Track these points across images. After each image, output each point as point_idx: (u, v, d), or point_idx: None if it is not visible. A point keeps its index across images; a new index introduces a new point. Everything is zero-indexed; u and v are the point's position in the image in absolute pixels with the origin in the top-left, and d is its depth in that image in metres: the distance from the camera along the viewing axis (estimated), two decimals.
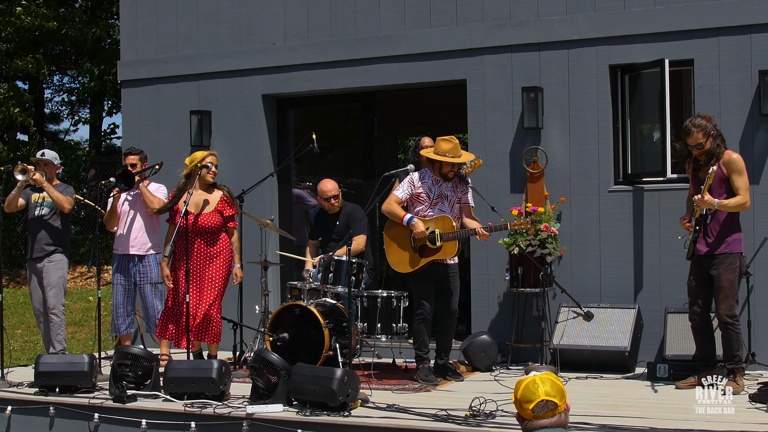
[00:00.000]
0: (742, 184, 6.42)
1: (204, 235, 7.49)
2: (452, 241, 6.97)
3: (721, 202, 6.38)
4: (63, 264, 8.01)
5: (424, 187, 7.09)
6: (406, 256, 7.10)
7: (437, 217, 7.03)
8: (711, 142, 6.42)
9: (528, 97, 8.13)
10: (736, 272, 6.46)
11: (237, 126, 9.49)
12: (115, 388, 6.55)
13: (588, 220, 8.05)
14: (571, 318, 7.73)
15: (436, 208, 7.07)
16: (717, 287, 6.44)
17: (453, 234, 6.94)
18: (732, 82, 7.61)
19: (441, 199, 7.09)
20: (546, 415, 3.66)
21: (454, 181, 7.13)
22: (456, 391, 6.72)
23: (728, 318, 6.40)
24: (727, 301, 6.39)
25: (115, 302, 8.10)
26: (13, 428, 6.80)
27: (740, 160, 6.45)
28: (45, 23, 18.06)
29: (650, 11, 7.88)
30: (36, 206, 8.00)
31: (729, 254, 6.43)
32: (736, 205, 6.42)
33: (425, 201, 7.08)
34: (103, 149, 22.30)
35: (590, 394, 6.56)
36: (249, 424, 5.97)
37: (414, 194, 7.11)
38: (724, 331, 6.44)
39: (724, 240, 6.43)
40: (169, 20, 9.84)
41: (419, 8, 8.73)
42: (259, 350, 6.56)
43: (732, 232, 6.46)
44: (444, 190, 7.10)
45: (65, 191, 7.98)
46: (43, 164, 8.00)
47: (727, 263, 6.42)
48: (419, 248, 7.04)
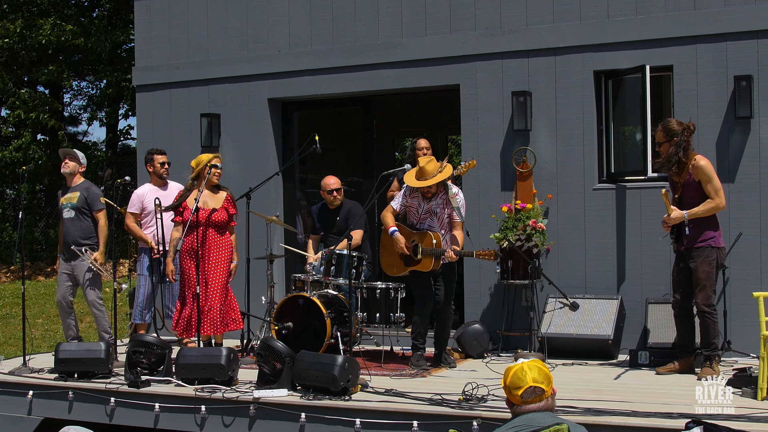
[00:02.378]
0: (712, 189, 6.39)
1: (215, 228, 7.48)
2: (429, 257, 6.92)
3: (690, 212, 6.38)
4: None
5: (413, 200, 7.08)
6: (394, 261, 7.15)
7: (421, 232, 7.01)
8: (668, 147, 6.42)
9: (517, 100, 8.12)
10: (713, 264, 6.43)
11: (244, 128, 9.47)
12: (130, 374, 6.55)
13: (574, 217, 8.03)
14: (558, 308, 7.71)
15: (425, 223, 7.06)
16: (695, 279, 6.43)
17: (430, 250, 6.90)
18: (709, 86, 7.59)
19: (429, 215, 7.05)
20: (534, 400, 3.66)
21: (443, 198, 7.03)
22: (450, 377, 6.71)
23: (705, 307, 6.39)
24: (705, 291, 6.38)
25: (141, 294, 8.12)
26: (34, 411, 6.81)
27: (708, 166, 6.41)
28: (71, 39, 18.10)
29: (632, 20, 7.86)
30: (63, 209, 8.00)
31: (705, 248, 6.41)
32: (707, 210, 6.39)
33: (414, 215, 7.09)
34: (119, 149, 22.27)
35: (576, 379, 6.55)
36: (256, 407, 5.97)
37: (407, 205, 7.11)
38: (702, 319, 6.43)
39: (701, 234, 6.42)
40: (181, 29, 9.82)
41: (415, 17, 8.71)
42: (265, 338, 6.55)
43: (708, 228, 6.44)
44: (433, 206, 7.04)
45: (89, 190, 7.97)
46: (70, 157, 8.02)
47: (703, 256, 6.40)
48: (404, 257, 7.06)
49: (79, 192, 7.99)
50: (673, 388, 6.04)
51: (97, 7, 21.48)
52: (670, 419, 5.01)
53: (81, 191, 7.99)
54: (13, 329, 12.04)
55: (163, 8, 9.91)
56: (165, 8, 9.90)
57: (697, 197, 6.42)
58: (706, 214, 6.40)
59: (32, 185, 18.72)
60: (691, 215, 6.37)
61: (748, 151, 7.46)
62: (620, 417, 5.14)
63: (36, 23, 18.25)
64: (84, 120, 23.88)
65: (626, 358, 7.16)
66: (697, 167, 6.38)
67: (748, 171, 7.45)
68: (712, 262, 6.43)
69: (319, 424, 5.78)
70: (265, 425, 5.96)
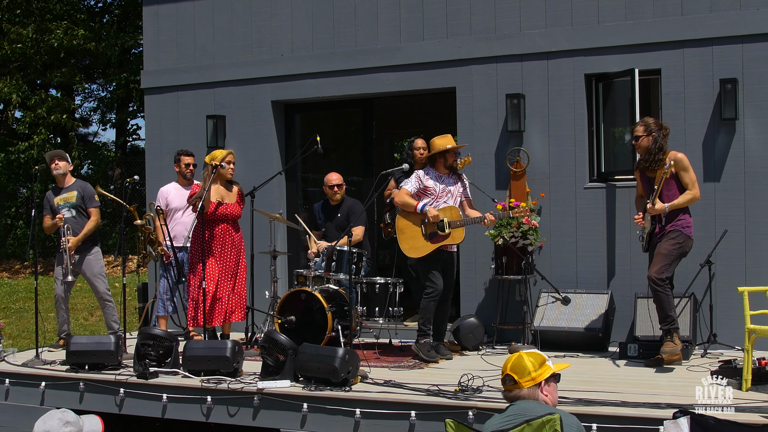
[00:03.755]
0: (689, 180, 6.45)
1: (229, 221, 7.49)
2: (460, 228, 6.96)
3: (671, 204, 6.39)
4: (100, 256, 8.01)
5: (430, 181, 7.04)
6: (418, 242, 7.00)
7: (445, 207, 7.00)
8: (649, 140, 6.45)
9: (511, 103, 8.11)
10: (676, 246, 6.39)
11: (249, 129, 9.46)
12: (138, 366, 6.53)
13: (565, 214, 8.03)
14: (550, 302, 7.71)
15: (441, 201, 7.03)
16: (656, 253, 6.41)
17: (460, 222, 6.94)
18: (695, 89, 7.59)
19: (445, 193, 7.06)
20: (508, 387, 3.67)
21: (454, 178, 7.09)
22: (446, 368, 6.70)
23: (656, 278, 6.30)
24: (659, 264, 6.32)
25: (162, 287, 8.14)
26: (46, 402, 6.80)
27: (685, 159, 6.48)
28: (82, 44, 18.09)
29: (621, 25, 7.85)
30: (61, 209, 7.93)
31: (675, 230, 6.41)
32: (686, 201, 6.44)
33: (432, 194, 7.02)
34: (128, 149, 22.26)
35: (567, 371, 6.47)
36: (259, 398, 5.96)
37: (422, 188, 7.05)
38: (654, 293, 6.36)
39: (672, 220, 6.43)
40: (188, 34, 9.81)
41: (413, 23, 8.70)
42: (268, 331, 6.54)
43: (683, 216, 6.47)
44: (448, 185, 7.06)
45: (85, 189, 7.96)
46: (58, 158, 7.98)
47: (670, 237, 6.40)
48: (429, 235, 6.99)
49: (76, 191, 7.95)
50: (661, 380, 6.03)
51: (107, 12, 21.48)
52: (658, 409, 5.00)
53: (77, 190, 7.95)
54: (26, 323, 12.03)
55: (171, 14, 9.89)
56: (172, 14, 9.89)
57: (673, 190, 6.45)
58: (685, 205, 6.46)
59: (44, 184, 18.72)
60: (672, 207, 6.40)
61: (733, 151, 7.45)
62: (610, 407, 5.13)
63: (48, 27, 18.23)
64: (94, 121, 23.85)
65: (616, 351, 7.15)
66: (677, 159, 6.42)
67: (733, 170, 7.45)
68: (677, 244, 6.39)
69: (321, 414, 5.77)
70: (268, 415, 5.95)
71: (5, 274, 18.19)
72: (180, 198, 8.26)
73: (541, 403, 3.66)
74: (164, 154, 9.66)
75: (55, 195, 8.00)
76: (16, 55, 18.54)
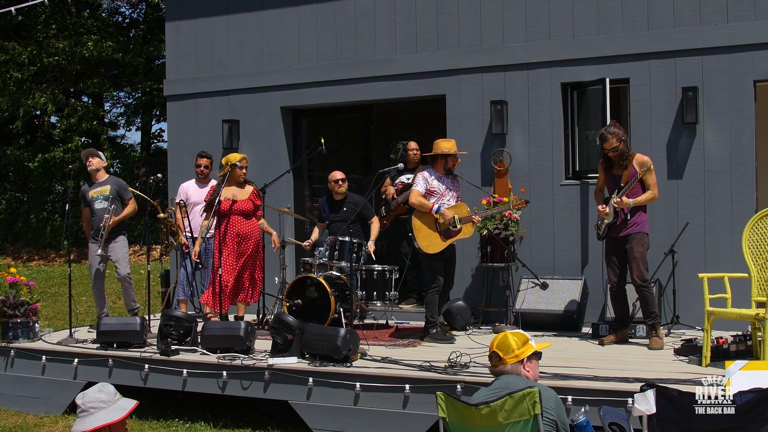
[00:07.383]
0: (652, 181, 6.44)
1: (241, 215, 7.45)
2: (469, 223, 6.93)
3: (636, 200, 6.38)
4: (125, 243, 7.96)
5: (435, 182, 6.94)
6: (435, 239, 6.88)
7: (454, 205, 6.94)
8: (623, 145, 6.42)
9: (495, 108, 8.08)
10: (645, 246, 6.42)
11: (260, 132, 9.43)
12: (161, 344, 6.52)
13: (544, 208, 8.01)
14: (530, 287, 7.69)
15: (445, 200, 6.98)
16: (630, 258, 6.40)
17: (467, 217, 6.90)
18: (660, 96, 7.57)
19: (447, 192, 7.00)
20: (494, 363, 3.66)
21: (450, 178, 7.02)
22: (437, 347, 6.68)
23: (641, 282, 6.35)
24: (639, 268, 6.35)
25: (181, 276, 8.15)
26: (79, 376, 6.78)
27: (650, 161, 6.45)
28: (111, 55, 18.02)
29: (594, 39, 7.82)
30: (94, 201, 7.91)
31: (639, 233, 6.42)
32: (647, 200, 6.44)
33: (437, 193, 6.92)
34: (152, 150, 22.21)
35: (546, 349, 6.51)
36: (270, 373, 5.95)
37: (428, 189, 6.95)
38: (640, 294, 6.40)
39: (634, 222, 6.43)
40: (206, 46, 9.76)
41: (407, 37, 8.67)
42: (278, 313, 6.52)
43: (642, 218, 6.46)
44: (447, 185, 7.00)
45: (118, 183, 7.93)
46: (92, 155, 7.95)
47: (637, 239, 6.40)
48: (443, 232, 6.94)
49: (110, 185, 7.93)
50: (628, 356, 6.02)
51: (134, 27, 21.40)
52: (627, 383, 4.99)
53: (111, 184, 7.93)
54: (61, 306, 11.99)
55: (190, 29, 9.85)
56: (192, 29, 9.84)
57: (637, 188, 6.44)
58: (646, 203, 6.46)
59: (77, 181, 18.69)
60: (636, 203, 6.39)
61: (693, 152, 7.44)
62: (584, 381, 5.12)
63: (80, 40, 18.15)
64: (122, 125, 23.78)
65: (589, 330, 7.14)
66: (643, 162, 6.40)
67: (693, 169, 7.44)
68: (645, 244, 6.44)
69: (325, 387, 5.76)
70: (278, 388, 5.94)
71: (42, 262, 18.16)
72: (198, 194, 8.26)
73: (523, 378, 3.64)
74: (184, 155, 9.62)
75: (90, 188, 8.00)
76: (52, 66, 18.48)
